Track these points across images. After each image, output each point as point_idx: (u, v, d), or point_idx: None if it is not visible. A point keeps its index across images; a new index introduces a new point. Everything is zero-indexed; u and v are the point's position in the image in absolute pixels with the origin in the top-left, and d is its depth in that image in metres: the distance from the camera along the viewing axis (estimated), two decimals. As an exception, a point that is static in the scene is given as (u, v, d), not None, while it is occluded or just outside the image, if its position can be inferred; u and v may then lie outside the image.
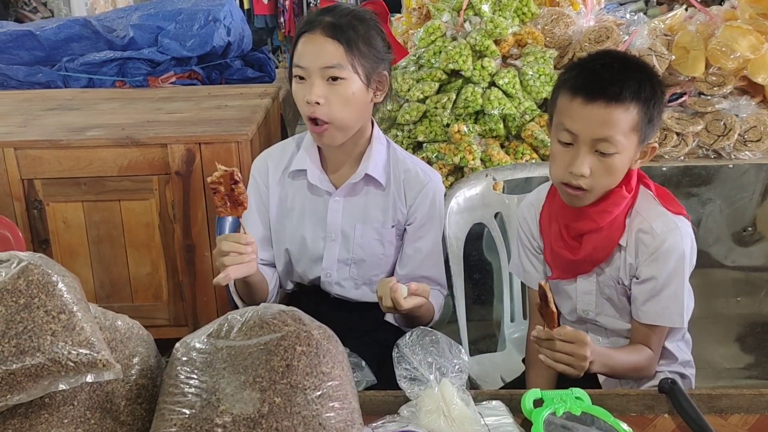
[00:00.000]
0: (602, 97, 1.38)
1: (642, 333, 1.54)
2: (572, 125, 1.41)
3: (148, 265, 2.63)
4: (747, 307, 2.48)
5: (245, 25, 3.61)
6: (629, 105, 1.38)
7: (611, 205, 1.48)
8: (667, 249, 1.47)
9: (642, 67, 1.45)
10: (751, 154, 2.31)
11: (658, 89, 1.43)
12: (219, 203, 1.40)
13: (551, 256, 1.61)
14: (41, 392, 0.97)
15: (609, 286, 1.57)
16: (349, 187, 1.67)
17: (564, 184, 1.46)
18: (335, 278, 1.74)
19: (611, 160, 1.41)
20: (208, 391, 1.03)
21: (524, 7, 2.49)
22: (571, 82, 1.43)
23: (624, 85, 1.38)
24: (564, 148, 1.44)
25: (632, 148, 1.43)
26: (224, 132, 2.53)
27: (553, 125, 1.48)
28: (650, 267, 1.49)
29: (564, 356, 1.32)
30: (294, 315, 1.12)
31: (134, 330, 1.16)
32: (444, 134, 2.34)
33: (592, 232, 1.51)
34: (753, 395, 1.25)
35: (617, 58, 1.47)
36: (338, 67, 1.52)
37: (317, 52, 1.52)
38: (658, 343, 1.55)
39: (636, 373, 1.54)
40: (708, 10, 2.52)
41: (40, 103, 3.01)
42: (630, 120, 1.39)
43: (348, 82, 1.54)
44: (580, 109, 1.39)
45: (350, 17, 1.56)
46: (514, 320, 2.10)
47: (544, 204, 1.63)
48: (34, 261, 1.05)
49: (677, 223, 1.49)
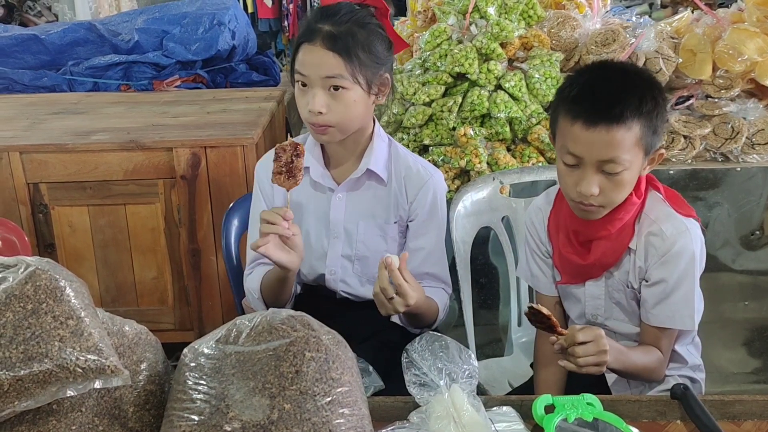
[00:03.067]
0: (603, 120, 1.35)
1: (652, 336, 1.52)
2: (575, 149, 1.39)
3: (154, 269, 2.63)
4: (755, 312, 2.47)
5: (250, 28, 3.61)
6: (631, 123, 1.36)
7: (621, 211, 1.47)
8: (676, 251, 1.46)
9: (641, 79, 1.43)
10: (759, 157, 2.30)
11: (660, 99, 1.41)
12: (276, 170, 1.47)
13: (560, 261, 1.60)
14: (49, 399, 0.97)
15: (618, 290, 1.56)
16: (352, 183, 1.68)
17: (576, 202, 1.45)
18: (339, 275, 1.74)
19: (619, 177, 1.40)
20: (216, 398, 1.02)
21: (530, 10, 2.48)
22: (570, 103, 1.40)
23: (624, 105, 1.35)
24: (570, 168, 1.43)
25: (639, 161, 1.42)
26: (230, 136, 2.53)
27: (556, 145, 1.47)
28: (660, 270, 1.47)
29: (588, 358, 1.32)
30: (303, 320, 1.11)
31: (142, 335, 1.15)
32: (450, 137, 2.33)
33: (602, 238, 1.50)
34: (766, 401, 1.23)
35: (616, 71, 1.44)
36: (339, 77, 1.53)
37: (317, 64, 1.53)
38: (667, 347, 1.53)
39: (647, 374, 1.52)
40: (715, 13, 2.51)
41: (46, 107, 3.01)
42: (633, 137, 1.37)
43: (349, 91, 1.55)
44: (582, 134, 1.37)
45: (350, 23, 1.55)
46: (521, 324, 2.08)
47: (552, 209, 1.62)
48: (41, 266, 1.04)
49: (687, 225, 1.48)
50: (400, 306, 1.47)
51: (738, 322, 2.48)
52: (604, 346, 1.32)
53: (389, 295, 1.46)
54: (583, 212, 1.48)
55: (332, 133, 1.59)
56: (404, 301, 1.46)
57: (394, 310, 1.49)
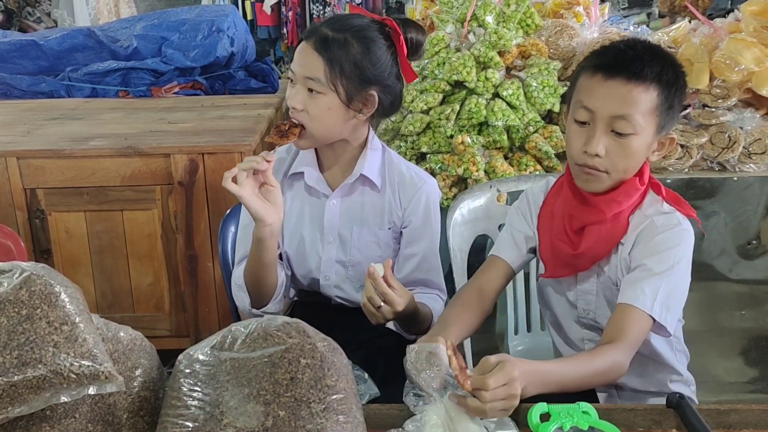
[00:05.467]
0: (623, 73, 1.37)
1: (614, 322, 1.40)
2: (590, 101, 1.39)
3: (150, 276, 2.62)
4: (751, 321, 2.47)
5: (248, 35, 3.62)
6: (650, 85, 1.37)
7: (621, 194, 1.45)
8: (661, 240, 1.43)
9: (667, 54, 1.44)
10: (755, 166, 2.30)
11: (681, 77, 1.42)
12: (274, 132, 1.55)
13: (550, 251, 1.57)
14: (43, 404, 0.96)
15: (609, 288, 1.54)
16: (346, 188, 1.68)
17: (580, 165, 1.44)
18: (334, 281, 1.74)
19: (628, 141, 1.39)
20: (211, 404, 1.01)
21: (528, 19, 2.49)
22: (594, 60, 1.43)
23: (646, 65, 1.37)
24: (580, 127, 1.42)
25: (650, 132, 1.40)
26: (227, 142, 2.53)
27: (570, 106, 1.47)
28: (642, 255, 1.44)
29: (496, 403, 1.15)
30: (298, 327, 1.11)
31: (137, 341, 1.15)
32: (448, 145, 2.33)
33: (595, 223, 1.48)
34: (762, 410, 1.23)
35: (643, 42, 1.46)
36: (317, 81, 1.54)
37: (303, 62, 1.56)
38: (634, 335, 1.38)
39: (600, 378, 1.38)
40: (712, 23, 2.52)
41: (44, 112, 3.01)
42: (649, 101, 1.37)
43: (324, 97, 1.55)
44: (600, 85, 1.38)
45: (349, 33, 1.55)
46: (517, 332, 2.08)
47: (547, 199, 1.60)
48: (36, 271, 1.04)
49: (680, 221, 1.46)
50: (389, 314, 1.47)
51: (735, 331, 2.48)
52: (515, 390, 1.16)
53: (376, 304, 1.46)
54: (585, 180, 1.45)
55: (306, 137, 1.59)
56: (392, 309, 1.46)
57: (384, 319, 1.49)
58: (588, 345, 1.62)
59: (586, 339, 1.62)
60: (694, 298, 1.55)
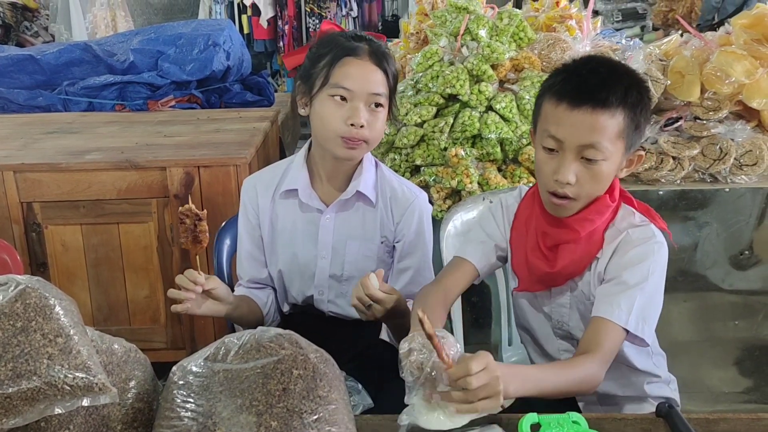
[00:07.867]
0: (588, 102, 1.36)
1: (589, 336, 1.40)
2: (557, 131, 1.38)
3: (146, 288, 2.63)
4: (745, 331, 2.48)
5: (245, 49, 3.64)
6: (615, 111, 1.36)
7: (593, 212, 1.45)
8: (636, 254, 1.44)
9: (629, 73, 1.43)
10: (747, 178, 2.32)
11: (645, 95, 1.42)
12: (182, 235, 1.52)
13: (526, 267, 1.56)
14: (37, 416, 0.97)
15: (582, 302, 1.54)
16: (341, 204, 1.69)
17: (550, 193, 1.44)
18: (327, 296, 1.75)
19: (597, 167, 1.39)
20: (204, 415, 1.02)
21: (521, 33, 2.51)
22: (557, 87, 1.41)
23: (611, 90, 1.36)
24: (549, 155, 1.41)
25: (618, 155, 1.41)
26: (223, 155, 2.55)
27: (537, 133, 1.46)
28: (617, 267, 1.45)
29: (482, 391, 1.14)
30: (291, 338, 1.12)
31: (131, 353, 1.16)
32: (442, 158, 2.35)
33: (570, 242, 1.48)
34: (750, 419, 1.24)
35: (604, 63, 1.45)
36: (382, 95, 1.58)
37: (365, 78, 1.55)
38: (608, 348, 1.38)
39: (575, 388, 1.37)
40: (703, 36, 2.54)
41: (40, 126, 3.03)
42: (616, 125, 1.37)
43: (384, 109, 1.60)
44: (566, 115, 1.37)
45: (383, 48, 1.61)
46: (511, 344, 2.09)
47: (519, 211, 1.59)
48: (31, 284, 1.05)
49: (654, 233, 1.47)
50: (378, 313, 1.49)
51: (728, 341, 2.49)
52: (495, 372, 1.16)
53: (366, 303, 1.48)
54: (555, 207, 1.45)
55: (363, 148, 1.61)
56: (382, 308, 1.48)
57: (374, 316, 1.51)
58: (564, 355, 1.62)
59: (562, 350, 1.63)
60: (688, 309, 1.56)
